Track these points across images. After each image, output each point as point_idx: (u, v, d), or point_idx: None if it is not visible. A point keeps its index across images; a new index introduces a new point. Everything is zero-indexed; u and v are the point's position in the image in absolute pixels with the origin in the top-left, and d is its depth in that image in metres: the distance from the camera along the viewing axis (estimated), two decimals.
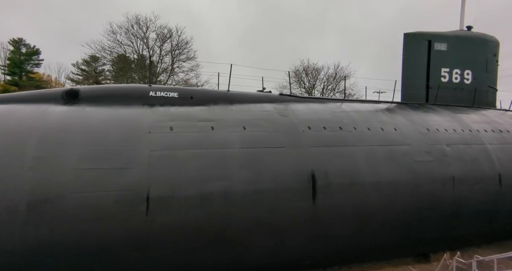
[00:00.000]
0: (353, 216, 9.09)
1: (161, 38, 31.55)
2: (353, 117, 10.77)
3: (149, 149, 7.44)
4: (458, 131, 11.74)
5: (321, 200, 8.64)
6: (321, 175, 8.79)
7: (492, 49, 16.49)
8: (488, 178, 10.93)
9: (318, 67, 42.27)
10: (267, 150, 8.56)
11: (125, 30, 30.55)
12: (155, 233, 6.91)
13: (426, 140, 10.83)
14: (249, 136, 8.65)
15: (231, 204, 7.60)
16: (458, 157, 10.80)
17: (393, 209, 9.58)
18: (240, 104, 9.99)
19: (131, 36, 30.80)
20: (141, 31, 30.91)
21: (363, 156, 9.61)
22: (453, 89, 15.54)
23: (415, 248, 10.60)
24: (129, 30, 30.49)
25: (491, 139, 11.95)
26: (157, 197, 6.96)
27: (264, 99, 10.82)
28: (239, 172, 7.89)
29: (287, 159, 8.62)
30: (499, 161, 11.33)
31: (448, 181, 10.32)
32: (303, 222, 8.48)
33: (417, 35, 15.32)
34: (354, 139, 9.87)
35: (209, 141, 8.11)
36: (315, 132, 9.57)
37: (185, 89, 10.27)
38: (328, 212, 8.77)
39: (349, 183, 9.07)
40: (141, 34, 31.02)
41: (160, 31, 31.43)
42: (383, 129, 10.59)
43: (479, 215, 10.92)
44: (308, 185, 8.56)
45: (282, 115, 9.87)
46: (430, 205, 10.05)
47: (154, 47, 32.08)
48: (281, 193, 8.22)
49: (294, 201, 8.33)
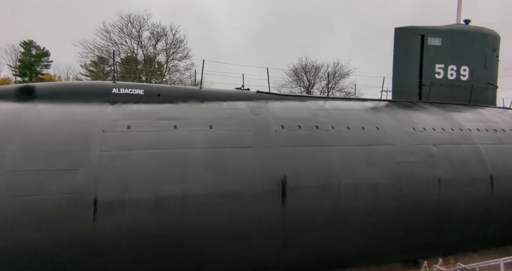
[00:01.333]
0: (327, 220, 8.58)
1: (156, 37, 31.35)
2: (333, 116, 10.25)
3: (100, 149, 7.05)
4: (448, 130, 11.09)
5: (291, 203, 8.16)
6: (291, 176, 8.30)
7: (491, 43, 15.69)
8: (478, 180, 10.28)
9: (317, 65, 41.54)
10: (234, 150, 8.11)
11: (118, 29, 30.44)
12: (103, 240, 6.50)
13: (410, 140, 10.23)
14: (215, 136, 8.22)
15: (189, 208, 7.16)
16: (446, 158, 10.17)
17: (372, 213, 9.03)
18: (211, 102, 9.57)
19: (124, 35, 30.67)
20: (135, 30, 30.79)
21: (339, 156, 9.08)
22: (448, 86, 14.84)
23: (401, 253, 10.02)
24: (122, 29, 30.36)
25: (484, 138, 11.27)
26: (105, 201, 6.56)
27: (239, 97, 10.37)
28: (200, 174, 7.46)
29: (254, 160, 8.16)
30: (492, 162, 10.66)
31: (433, 183, 9.71)
32: (271, 227, 8.01)
33: (409, 29, 14.66)
34: (330, 139, 9.36)
35: (169, 141, 7.69)
36: (288, 131, 9.09)
37: (151, 86, 9.90)
38: (300, 216, 8.28)
39: (323, 185, 8.56)
40: (135, 33, 30.90)
41: (153, 30, 31.28)
42: (364, 128, 10.04)
43: (470, 220, 10.26)
44: (277, 187, 8.08)
45: (254, 114, 9.41)
46: (413, 209, 9.47)
47: (148, 46, 31.93)
48: (246, 196, 7.76)
49: (261, 205, 7.86)
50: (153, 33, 31.36)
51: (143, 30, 31.15)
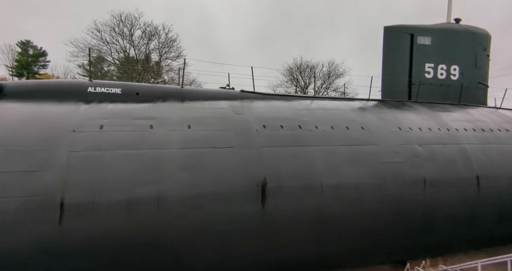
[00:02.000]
0: (309, 222, 8.40)
1: (148, 35, 31.10)
2: (317, 116, 10.08)
3: (70, 150, 6.82)
4: (434, 130, 10.94)
5: (271, 204, 7.97)
6: (272, 177, 8.12)
7: (481, 43, 15.58)
8: (464, 180, 10.13)
9: (312, 65, 41.31)
10: (212, 150, 7.92)
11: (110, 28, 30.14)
12: (71, 244, 6.27)
13: (396, 140, 10.07)
14: (193, 136, 8.02)
15: (165, 210, 6.95)
16: (431, 158, 10.02)
17: (356, 214, 8.87)
18: (192, 102, 9.37)
19: (116, 34, 30.36)
20: (126, 29, 30.51)
21: (322, 156, 8.91)
22: (438, 86, 14.71)
23: (387, 254, 9.85)
24: (114, 28, 30.06)
25: (471, 138, 11.12)
26: (73, 203, 6.32)
27: (222, 96, 10.19)
28: (176, 175, 7.25)
29: (234, 160, 7.97)
30: (478, 162, 10.51)
31: (418, 183, 9.56)
32: (251, 228, 7.83)
33: (398, 28, 14.50)
34: (313, 139, 9.18)
35: (144, 141, 7.48)
36: (270, 131, 8.91)
37: (130, 85, 9.68)
38: (280, 218, 8.10)
39: (304, 186, 8.38)
40: (126, 32, 30.61)
41: (144, 29, 31.02)
42: (348, 128, 9.88)
43: (456, 221, 10.11)
44: (257, 188, 7.90)
45: (236, 113, 9.23)
46: (398, 209, 9.32)
47: (139, 46, 31.66)
48: (225, 197, 7.57)
49: (240, 206, 7.67)
50: (144, 32, 31.11)
51: (135, 29, 30.91)
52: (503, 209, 10.55)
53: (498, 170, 10.61)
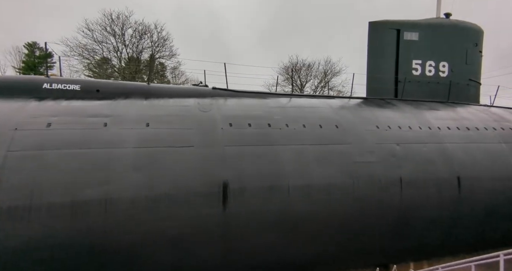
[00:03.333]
0: (275, 224, 8.04)
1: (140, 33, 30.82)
2: (289, 114, 9.69)
3: (8, 149, 6.51)
4: (415, 129, 10.49)
5: (233, 206, 7.62)
6: (235, 177, 7.77)
7: (473, 38, 15.05)
8: (444, 181, 9.68)
9: (310, 63, 40.72)
10: (170, 149, 7.58)
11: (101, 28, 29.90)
12: (4, 252, 5.96)
13: (372, 139, 9.65)
14: (151, 134, 7.68)
15: (113, 213, 6.61)
16: (409, 158, 9.59)
17: (327, 216, 8.50)
18: (156, 99, 9.05)
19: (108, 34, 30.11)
20: (117, 28, 30.25)
21: (291, 156, 8.53)
22: (426, 83, 14.23)
23: (363, 258, 9.45)
24: (105, 28, 29.83)
25: (454, 137, 10.65)
26: (6, 207, 5.99)
27: (192, 94, 9.85)
28: (128, 176, 6.91)
29: (194, 159, 7.62)
30: (460, 162, 10.05)
31: (394, 184, 9.13)
32: (211, 232, 7.48)
33: (383, 23, 14.04)
34: (282, 138, 8.80)
35: (95, 140, 7.14)
36: (236, 130, 8.54)
37: (90, 81, 9.38)
38: (243, 220, 7.75)
39: (270, 187, 8.01)
40: (118, 32, 30.35)
41: (135, 28, 30.71)
42: (321, 126, 9.48)
43: (436, 223, 9.68)
44: (218, 189, 7.55)
45: (202, 111, 8.89)
46: (373, 211, 8.92)
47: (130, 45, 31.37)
48: (182, 199, 7.22)
49: (199, 208, 7.32)
50: (135, 30, 30.82)
51: (126, 28, 30.65)
52: (487, 211, 10.08)
53: (481, 171, 10.14)
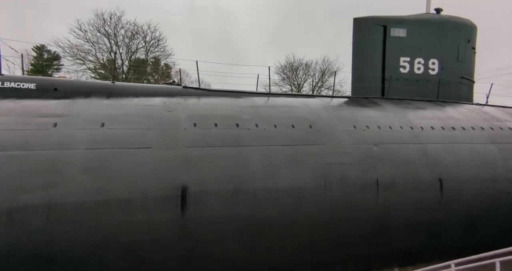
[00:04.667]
0: (240, 230, 7.61)
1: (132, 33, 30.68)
2: (261, 113, 9.27)
3: None
4: (395, 129, 9.98)
5: (193, 211, 7.20)
6: (196, 180, 7.36)
7: (465, 34, 14.47)
8: (425, 183, 9.17)
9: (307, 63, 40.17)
10: (126, 151, 7.18)
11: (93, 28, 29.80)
12: None
13: (348, 139, 9.17)
14: (105, 135, 7.30)
15: (58, 219, 6.22)
16: (387, 159, 9.09)
17: (296, 220, 8.05)
18: (119, 98, 8.68)
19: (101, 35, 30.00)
20: (109, 28, 30.11)
21: (259, 158, 8.10)
22: (415, 81, 13.69)
23: (338, 264, 8.97)
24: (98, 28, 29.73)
25: (437, 137, 10.12)
26: None
27: (160, 93, 9.48)
28: (75, 179, 6.52)
29: (151, 161, 7.22)
30: (442, 163, 9.52)
31: (369, 187, 8.65)
32: (168, 238, 7.07)
33: (369, 19, 13.54)
34: (250, 138, 8.38)
35: (42, 141, 6.76)
36: (200, 130, 8.13)
37: (47, 79, 9.04)
38: (205, 226, 7.33)
39: (234, 190, 7.59)
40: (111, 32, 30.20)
41: (127, 28, 30.59)
42: (294, 126, 9.03)
43: (417, 228, 9.18)
44: (176, 193, 7.14)
45: (167, 111, 8.49)
46: (347, 215, 8.45)
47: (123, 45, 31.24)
48: (137, 203, 6.82)
49: (155, 214, 6.91)
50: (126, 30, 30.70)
51: (118, 29, 30.50)
52: (471, 215, 9.54)
53: (465, 172, 9.60)
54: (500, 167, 10.06)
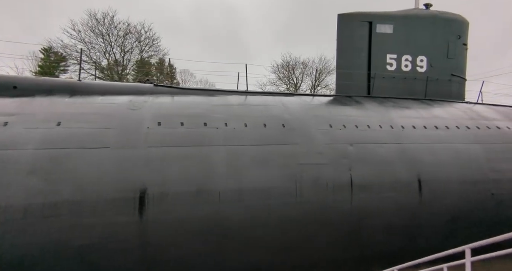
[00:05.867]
0: (203, 233, 7.29)
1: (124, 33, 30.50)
2: (232, 112, 8.95)
3: None
4: (374, 128, 9.60)
5: (153, 214, 6.90)
6: (155, 182, 7.05)
7: (455, 30, 14.02)
8: (403, 184, 8.79)
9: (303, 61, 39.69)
10: (81, 151, 6.89)
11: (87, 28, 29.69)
12: None
13: (322, 139, 8.82)
14: (60, 134, 7.00)
15: (2, 223, 5.97)
16: (362, 159, 8.73)
17: (265, 223, 7.72)
18: (83, 96, 8.40)
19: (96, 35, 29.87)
20: (103, 28, 29.96)
21: (225, 158, 7.79)
22: (402, 79, 13.29)
23: (312, 269, 8.61)
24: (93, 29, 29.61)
25: (418, 137, 9.73)
26: None
27: (129, 91, 9.19)
28: (21, 181, 6.22)
29: (107, 162, 6.92)
30: (421, 163, 9.13)
31: (344, 188, 8.30)
32: (125, 242, 6.76)
33: (354, 15, 13.14)
34: (218, 138, 8.06)
35: None
36: (164, 129, 7.83)
37: (5, 77, 8.73)
38: (165, 229, 7.02)
39: (197, 191, 7.28)
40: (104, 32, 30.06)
41: (119, 28, 30.44)
42: (266, 125, 8.70)
43: (395, 230, 8.80)
44: (134, 194, 6.84)
45: (131, 109, 8.20)
46: (319, 217, 8.11)
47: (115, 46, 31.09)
48: (90, 206, 6.52)
49: (110, 217, 6.61)
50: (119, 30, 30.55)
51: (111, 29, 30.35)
52: (453, 217, 9.13)
53: (446, 173, 9.20)
54: (484, 168, 9.64)
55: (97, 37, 29.92)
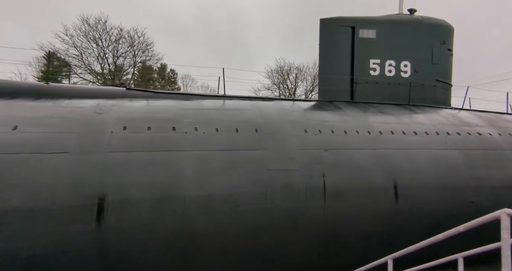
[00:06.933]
0: (167, 241, 7.03)
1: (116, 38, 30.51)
2: (204, 116, 8.74)
3: None
4: (350, 133, 9.40)
5: (112, 221, 6.63)
6: (116, 188, 6.79)
7: (440, 35, 13.96)
8: (378, 190, 8.57)
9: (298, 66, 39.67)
10: (37, 156, 6.63)
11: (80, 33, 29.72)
12: None
13: (295, 144, 8.61)
14: (15, 138, 6.75)
15: None
16: (336, 165, 8.51)
17: (232, 230, 7.46)
18: (49, 100, 8.18)
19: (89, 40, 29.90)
20: (96, 33, 30.00)
21: (192, 163, 7.55)
22: (386, 84, 13.13)
23: None
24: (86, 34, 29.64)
25: (395, 143, 9.53)
26: None
27: (98, 95, 8.99)
28: None
29: (65, 168, 6.67)
30: (398, 170, 8.92)
31: (316, 195, 8.06)
32: (83, 251, 6.47)
33: (336, 20, 13.05)
34: (186, 143, 7.84)
35: None
36: (129, 134, 7.61)
37: None
38: (125, 237, 6.74)
39: (161, 198, 7.02)
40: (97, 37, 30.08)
41: (111, 33, 30.49)
42: (237, 130, 8.49)
43: (370, 238, 8.55)
44: (92, 201, 6.58)
45: (97, 113, 7.98)
46: (290, 224, 7.86)
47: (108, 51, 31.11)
48: (43, 214, 6.23)
49: (65, 225, 6.33)
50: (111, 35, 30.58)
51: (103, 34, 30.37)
52: (430, 225, 8.86)
53: (423, 179, 8.99)
54: (463, 174, 9.43)
55: (88, 41, 29.90)
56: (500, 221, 3.20)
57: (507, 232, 3.11)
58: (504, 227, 3.13)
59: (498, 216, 3.28)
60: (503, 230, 3.13)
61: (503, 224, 3.14)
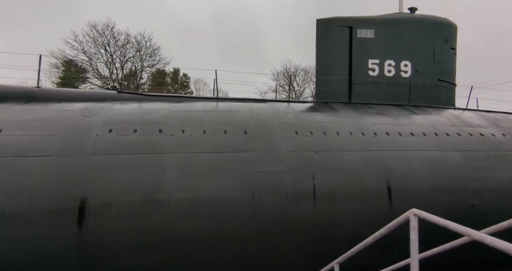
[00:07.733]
0: (152, 245, 6.92)
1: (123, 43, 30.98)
2: (193, 118, 8.66)
3: None
4: (343, 135, 9.16)
5: (94, 225, 6.56)
6: (98, 191, 6.75)
7: (442, 34, 13.58)
8: (371, 193, 8.30)
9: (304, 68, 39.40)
10: (19, 159, 6.64)
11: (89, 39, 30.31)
12: None
13: (285, 146, 8.43)
14: None
15: None
16: (329, 167, 8.29)
17: (220, 234, 7.32)
18: (39, 103, 8.23)
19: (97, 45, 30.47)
20: (104, 39, 30.52)
21: (178, 166, 7.46)
22: (386, 85, 12.83)
23: None
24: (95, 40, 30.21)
25: (390, 144, 9.24)
26: None
27: (89, 98, 9.02)
28: None
29: (47, 171, 6.65)
30: (392, 171, 8.64)
31: (306, 197, 7.86)
32: (63, 256, 6.41)
33: (333, 20, 12.84)
34: (172, 145, 7.76)
35: None
36: (114, 136, 7.57)
37: None
38: (107, 242, 6.66)
39: (145, 201, 6.94)
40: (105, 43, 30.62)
41: (118, 38, 30.97)
42: (226, 132, 8.37)
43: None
44: (73, 205, 6.53)
45: (84, 116, 7.99)
46: (279, 228, 7.66)
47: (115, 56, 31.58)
48: (23, 217, 6.23)
49: (45, 229, 6.29)
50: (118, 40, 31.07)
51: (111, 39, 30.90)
52: (427, 228, 8.50)
53: (419, 182, 8.67)
54: (462, 177, 9.06)
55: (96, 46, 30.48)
56: (409, 222, 3.06)
57: (415, 233, 3.04)
58: (413, 228, 3.05)
59: (407, 217, 3.17)
60: (412, 231, 3.06)
61: (411, 225, 3.05)
